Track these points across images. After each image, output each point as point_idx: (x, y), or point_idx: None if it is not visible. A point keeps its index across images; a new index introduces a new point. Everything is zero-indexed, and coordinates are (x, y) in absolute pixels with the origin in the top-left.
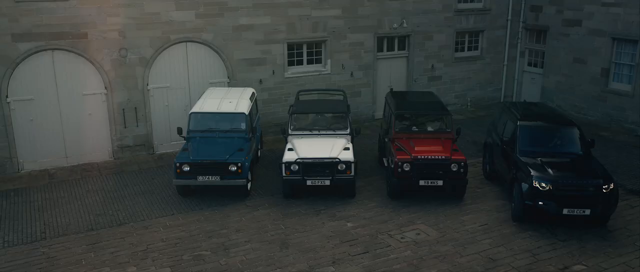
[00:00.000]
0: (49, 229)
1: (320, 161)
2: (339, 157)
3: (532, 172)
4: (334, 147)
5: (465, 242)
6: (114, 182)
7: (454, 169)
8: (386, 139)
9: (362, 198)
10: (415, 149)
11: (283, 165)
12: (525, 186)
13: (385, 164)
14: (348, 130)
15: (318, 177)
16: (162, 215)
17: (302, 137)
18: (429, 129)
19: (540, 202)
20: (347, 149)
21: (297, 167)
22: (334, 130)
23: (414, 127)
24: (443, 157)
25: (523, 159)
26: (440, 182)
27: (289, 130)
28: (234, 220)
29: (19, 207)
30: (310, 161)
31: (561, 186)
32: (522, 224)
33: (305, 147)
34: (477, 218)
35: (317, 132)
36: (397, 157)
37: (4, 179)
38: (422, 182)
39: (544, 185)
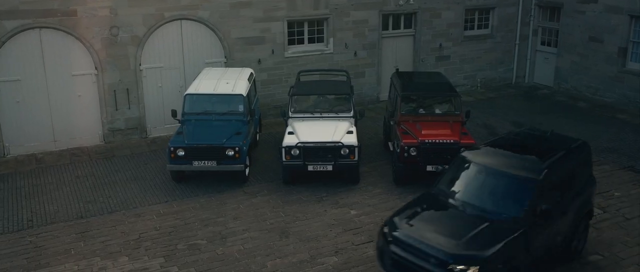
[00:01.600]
0: (36, 216)
1: (322, 145)
2: (341, 141)
3: (396, 216)
4: (336, 131)
5: None
6: (105, 167)
7: None
8: (391, 122)
9: (366, 184)
10: (423, 132)
11: (283, 149)
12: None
13: (391, 149)
14: (351, 113)
15: (320, 162)
16: (156, 202)
17: (303, 120)
18: (437, 111)
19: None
20: (350, 132)
21: (297, 151)
22: (336, 113)
23: (421, 110)
24: (451, 141)
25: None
26: None
27: (289, 113)
28: (231, 207)
29: (5, 193)
30: (311, 145)
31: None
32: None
33: (307, 131)
34: None
35: (318, 115)
36: (403, 141)
37: None
38: (429, 168)
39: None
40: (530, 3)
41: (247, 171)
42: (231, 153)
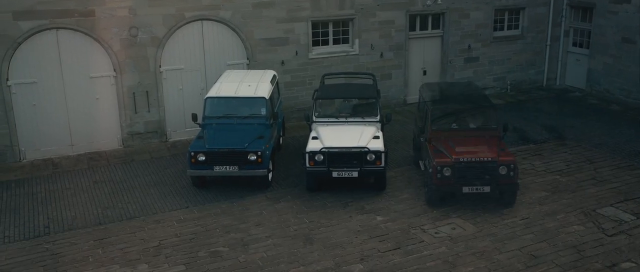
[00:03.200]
0: (53, 223)
1: (348, 150)
2: (368, 146)
3: None
4: (362, 136)
5: (504, 238)
6: (124, 172)
7: (503, 173)
8: (422, 139)
9: (392, 189)
10: (456, 150)
11: (306, 155)
12: None
13: (422, 168)
14: (378, 118)
15: (345, 169)
16: (176, 208)
17: (327, 125)
18: (471, 126)
19: None
20: (376, 137)
21: (322, 157)
22: (362, 118)
23: (454, 125)
24: (489, 159)
25: None
26: (487, 189)
27: (313, 118)
28: (254, 213)
29: (21, 199)
30: (336, 150)
31: None
32: (567, 218)
33: (331, 136)
34: (517, 211)
35: (344, 120)
36: (436, 160)
37: (5, 168)
38: (466, 190)
39: None
40: (562, 3)
41: (270, 176)
42: (253, 158)
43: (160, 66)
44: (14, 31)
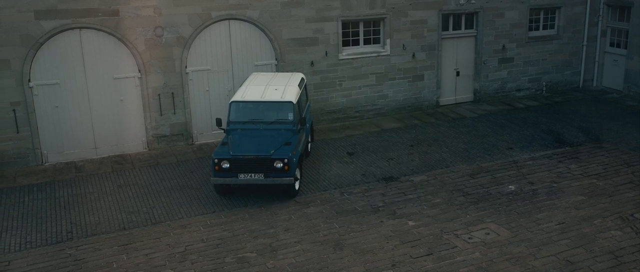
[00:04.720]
0: (76, 228)
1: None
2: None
3: None
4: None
5: (540, 243)
6: (149, 175)
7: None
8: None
9: (425, 193)
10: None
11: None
12: None
13: None
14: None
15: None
16: (202, 213)
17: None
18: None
19: None
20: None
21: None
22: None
23: None
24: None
25: None
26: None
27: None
28: (282, 218)
29: (43, 203)
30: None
31: None
32: (604, 223)
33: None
34: (553, 216)
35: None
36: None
37: (27, 172)
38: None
39: None
40: (599, 2)
41: (297, 184)
42: (280, 165)
43: (186, 67)
44: (36, 31)
